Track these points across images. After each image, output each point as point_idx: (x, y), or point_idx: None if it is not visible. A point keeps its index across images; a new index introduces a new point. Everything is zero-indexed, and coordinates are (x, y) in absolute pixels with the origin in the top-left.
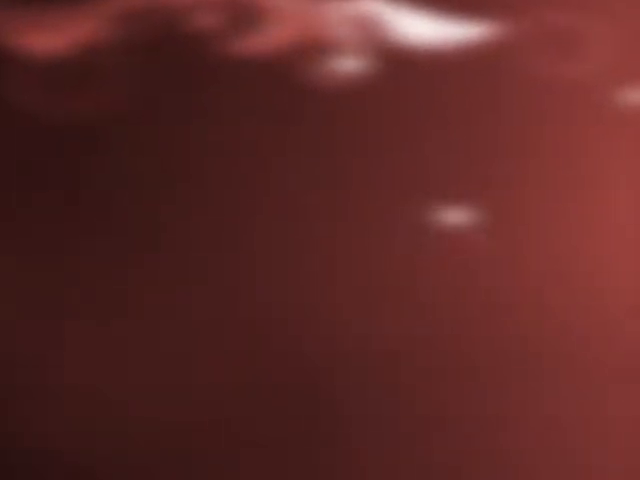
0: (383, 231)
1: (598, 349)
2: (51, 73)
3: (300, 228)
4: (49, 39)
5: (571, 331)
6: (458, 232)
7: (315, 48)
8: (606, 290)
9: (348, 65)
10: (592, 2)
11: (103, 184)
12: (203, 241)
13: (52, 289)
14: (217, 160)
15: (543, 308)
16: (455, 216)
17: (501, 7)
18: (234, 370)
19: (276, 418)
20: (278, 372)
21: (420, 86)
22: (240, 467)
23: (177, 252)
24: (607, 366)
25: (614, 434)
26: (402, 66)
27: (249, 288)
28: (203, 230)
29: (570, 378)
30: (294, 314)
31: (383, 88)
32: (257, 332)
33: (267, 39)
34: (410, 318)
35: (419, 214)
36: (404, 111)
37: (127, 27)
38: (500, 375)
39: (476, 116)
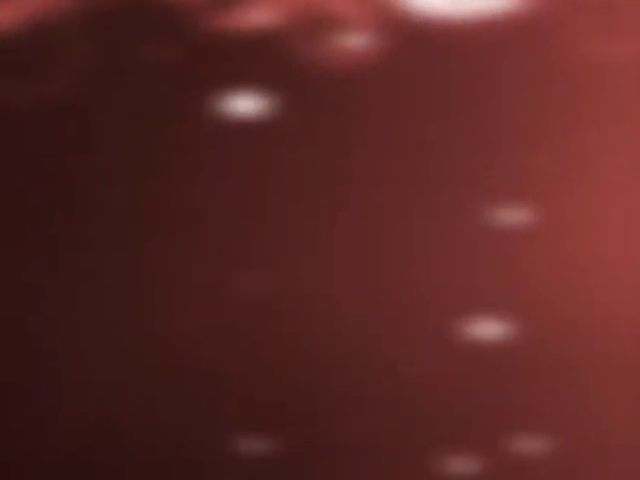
0: (383, 226)
1: (601, 346)
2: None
3: (298, 222)
4: None
5: (574, 328)
6: (458, 229)
7: (316, 23)
8: (609, 286)
9: (355, 42)
10: None
11: (77, 175)
12: (203, 239)
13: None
14: (208, 150)
15: (546, 305)
16: (457, 213)
17: None
18: (232, 367)
19: (273, 414)
20: (275, 368)
21: (436, 66)
22: (238, 464)
23: (176, 249)
24: (610, 364)
25: (615, 432)
26: (416, 43)
27: (247, 285)
28: (202, 227)
29: (572, 376)
30: (291, 309)
31: (394, 69)
32: (254, 328)
33: (261, 12)
34: (409, 316)
35: (423, 208)
36: (417, 94)
37: None
38: (501, 373)
39: (490, 102)
